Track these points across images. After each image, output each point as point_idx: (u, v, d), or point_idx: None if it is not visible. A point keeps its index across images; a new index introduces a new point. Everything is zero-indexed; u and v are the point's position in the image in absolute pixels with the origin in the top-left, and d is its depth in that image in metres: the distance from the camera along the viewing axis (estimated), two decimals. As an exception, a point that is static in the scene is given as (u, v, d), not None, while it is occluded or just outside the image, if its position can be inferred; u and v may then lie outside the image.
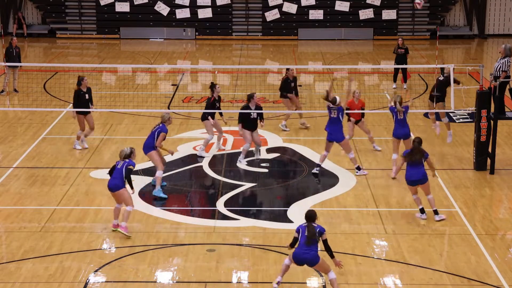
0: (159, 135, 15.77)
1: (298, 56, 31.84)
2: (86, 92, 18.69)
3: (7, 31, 35.20)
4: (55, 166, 17.75)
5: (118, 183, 13.90)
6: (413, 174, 14.62)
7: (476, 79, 24.97)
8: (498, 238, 14.12)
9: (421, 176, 14.60)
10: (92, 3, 35.67)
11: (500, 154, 18.43)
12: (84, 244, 13.71)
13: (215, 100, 18.41)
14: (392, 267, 12.93)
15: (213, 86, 18.39)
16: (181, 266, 12.91)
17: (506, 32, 36.52)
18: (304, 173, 17.50)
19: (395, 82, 25.54)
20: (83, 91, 18.65)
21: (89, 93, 18.75)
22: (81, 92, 18.62)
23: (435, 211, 14.79)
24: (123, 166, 13.98)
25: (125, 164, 14.00)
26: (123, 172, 13.92)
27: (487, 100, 17.40)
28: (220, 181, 17.00)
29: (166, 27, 35.63)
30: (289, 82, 20.64)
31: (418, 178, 14.59)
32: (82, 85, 18.63)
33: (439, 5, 35.77)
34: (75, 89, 18.72)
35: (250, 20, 35.93)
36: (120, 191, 13.92)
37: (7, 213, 15.08)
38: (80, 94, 18.64)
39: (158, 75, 28.46)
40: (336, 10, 35.48)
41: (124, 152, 14.14)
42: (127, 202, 14.00)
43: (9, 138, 19.80)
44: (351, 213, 15.20)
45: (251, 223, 14.71)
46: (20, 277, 12.49)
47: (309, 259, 11.72)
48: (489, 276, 12.58)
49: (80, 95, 18.64)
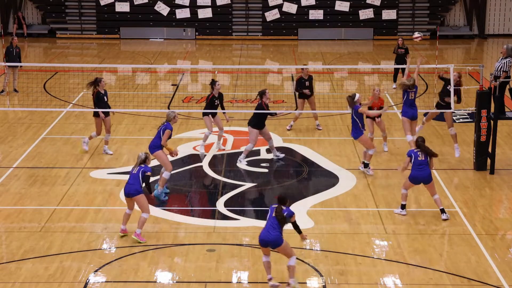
0: (164, 132, 15.57)
1: (298, 56, 31.84)
2: (105, 94, 18.33)
3: (7, 31, 35.22)
4: (55, 166, 17.75)
5: (137, 188, 13.64)
6: (418, 174, 14.61)
7: (476, 79, 24.96)
8: (498, 238, 14.12)
9: (426, 176, 14.60)
10: (92, 3, 35.68)
11: (500, 154, 18.43)
12: (84, 244, 13.71)
13: (214, 97, 18.45)
14: (392, 267, 12.93)
15: (213, 83, 18.43)
16: (181, 266, 12.92)
17: (506, 32, 36.53)
18: (304, 173, 17.50)
19: (395, 82, 25.54)
20: (102, 93, 18.23)
21: (106, 95, 18.40)
22: (100, 94, 18.19)
23: (442, 209, 14.79)
24: (138, 171, 13.73)
25: (141, 170, 13.74)
26: (140, 178, 13.69)
27: (487, 100, 17.39)
28: (220, 181, 17.01)
29: (166, 27, 35.64)
30: (303, 82, 20.51)
31: (423, 178, 14.60)
32: (100, 86, 18.22)
33: (439, 5, 35.78)
34: (93, 91, 18.22)
35: (250, 20, 35.94)
36: (138, 197, 13.65)
37: (7, 213, 15.08)
38: (99, 96, 18.21)
39: (158, 75, 28.46)
40: (336, 10, 35.49)
41: (139, 158, 13.87)
42: (143, 208, 13.75)
43: (9, 138, 19.81)
44: (351, 213, 15.20)
45: (251, 223, 14.71)
46: (20, 277, 12.49)
47: (272, 240, 11.86)
48: (489, 276, 12.58)
49: (99, 97, 18.21)
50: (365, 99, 19.68)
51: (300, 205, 15.55)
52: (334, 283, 12.32)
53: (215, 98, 18.47)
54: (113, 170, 17.55)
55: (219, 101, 18.60)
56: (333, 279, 12.45)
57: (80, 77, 26.63)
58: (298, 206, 15.51)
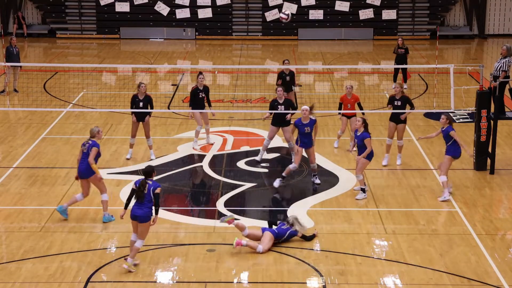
0: (92, 150, 14.17)
1: (298, 56, 31.84)
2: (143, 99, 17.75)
3: (7, 31, 35.21)
4: (55, 166, 17.75)
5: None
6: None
7: (476, 79, 24.97)
8: (498, 238, 14.12)
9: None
10: (92, 3, 35.68)
11: (500, 154, 18.43)
12: (84, 244, 13.71)
13: (198, 89, 18.62)
14: (392, 267, 12.93)
15: (198, 74, 18.71)
16: (181, 266, 12.91)
17: (506, 32, 36.52)
18: (304, 173, 17.50)
19: (395, 82, 25.49)
20: (139, 98, 17.65)
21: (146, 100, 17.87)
22: (136, 98, 17.65)
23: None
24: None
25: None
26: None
27: (487, 100, 17.40)
28: (220, 181, 17.00)
29: (166, 27, 35.64)
30: (284, 76, 20.62)
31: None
32: (140, 92, 17.62)
33: (439, 5, 35.77)
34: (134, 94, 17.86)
35: (250, 20, 35.93)
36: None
37: (7, 213, 15.08)
38: (135, 100, 17.67)
39: (158, 75, 28.46)
40: (336, 10, 35.49)
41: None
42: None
43: (9, 138, 19.80)
44: (351, 213, 15.20)
45: (251, 223, 14.70)
46: (20, 277, 12.49)
47: (139, 215, 12.36)
48: (489, 276, 12.58)
49: (135, 102, 17.68)
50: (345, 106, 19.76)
51: (300, 205, 15.56)
52: (334, 283, 12.32)
53: (199, 90, 18.63)
54: (113, 170, 17.54)
55: (204, 95, 18.70)
56: (333, 279, 12.45)
57: (80, 77, 26.64)
58: (298, 206, 15.52)
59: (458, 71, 24.90)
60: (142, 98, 17.65)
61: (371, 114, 21.74)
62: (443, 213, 15.12)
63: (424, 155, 18.61)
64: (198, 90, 18.63)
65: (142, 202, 12.44)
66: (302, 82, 26.72)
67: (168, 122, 21.13)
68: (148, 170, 12.67)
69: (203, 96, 18.67)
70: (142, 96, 17.66)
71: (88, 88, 25.07)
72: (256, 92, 24.69)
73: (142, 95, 17.65)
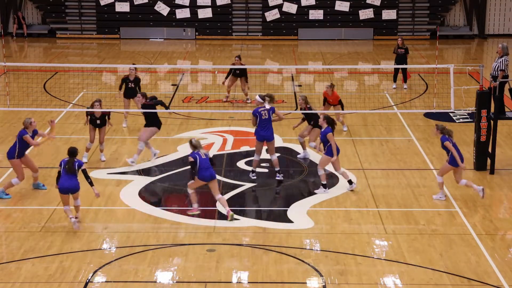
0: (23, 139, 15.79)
1: (298, 56, 31.84)
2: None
3: (7, 31, 35.22)
4: (55, 166, 17.72)
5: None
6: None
7: (476, 79, 24.97)
8: (498, 238, 14.12)
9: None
10: (92, 3, 35.69)
11: (500, 154, 18.43)
12: (84, 244, 13.71)
13: (127, 80, 20.46)
14: (392, 267, 12.93)
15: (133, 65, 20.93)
16: (181, 266, 12.92)
17: (506, 32, 36.53)
18: (304, 173, 17.50)
19: (395, 82, 25.55)
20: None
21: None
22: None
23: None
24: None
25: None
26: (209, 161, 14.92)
27: (487, 100, 17.40)
28: (220, 181, 17.00)
29: (166, 27, 35.65)
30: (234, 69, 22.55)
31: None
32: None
33: (439, 5, 35.79)
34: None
35: (250, 20, 35.94)
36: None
37: (7, 213, 15.09)
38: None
39: (158, 75, 28.46)
40: (336, 10, 35.51)
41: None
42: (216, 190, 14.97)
43: (9, 138, 19.79)
44: (351, 213, 15.20)
45: (251, 223, 14.71)
46: (20, 277, 12.49)
47: (71, 187, 14.17)
48: (489, 276, 12.58)
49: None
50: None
51: (300, 205, 15.56)
52: (334, 283, 12.32)
53: (128, 80, 20.45)
54: (113, 170, 17.55)
55: (133, 85, 20.42)
56: (333, 279, 12.45)
57: (80, 77, 26.64)
58: (298, 206, 15.52)
59: (458, 71, 24.91)
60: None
61: (371, 114, 21.75)
62: (443, 213, 15.12)
63: (424, 155, 18.62)
64: (128, 80, 20.49)
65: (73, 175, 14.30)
66: (302, 82, 26.71)
67: (168, 122, 21.12)
68: (73, 150, 14.48)
69: (132, 87, 20.42)
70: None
71: (88, 88, 25.08)
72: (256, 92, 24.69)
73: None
